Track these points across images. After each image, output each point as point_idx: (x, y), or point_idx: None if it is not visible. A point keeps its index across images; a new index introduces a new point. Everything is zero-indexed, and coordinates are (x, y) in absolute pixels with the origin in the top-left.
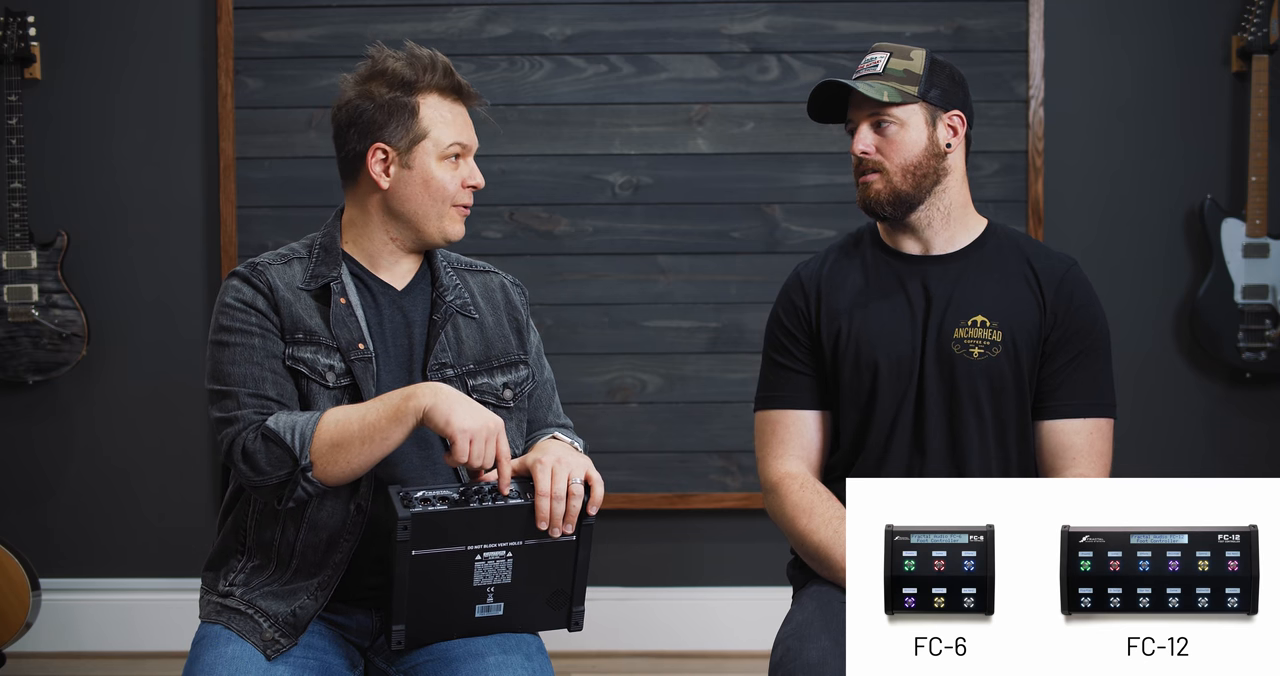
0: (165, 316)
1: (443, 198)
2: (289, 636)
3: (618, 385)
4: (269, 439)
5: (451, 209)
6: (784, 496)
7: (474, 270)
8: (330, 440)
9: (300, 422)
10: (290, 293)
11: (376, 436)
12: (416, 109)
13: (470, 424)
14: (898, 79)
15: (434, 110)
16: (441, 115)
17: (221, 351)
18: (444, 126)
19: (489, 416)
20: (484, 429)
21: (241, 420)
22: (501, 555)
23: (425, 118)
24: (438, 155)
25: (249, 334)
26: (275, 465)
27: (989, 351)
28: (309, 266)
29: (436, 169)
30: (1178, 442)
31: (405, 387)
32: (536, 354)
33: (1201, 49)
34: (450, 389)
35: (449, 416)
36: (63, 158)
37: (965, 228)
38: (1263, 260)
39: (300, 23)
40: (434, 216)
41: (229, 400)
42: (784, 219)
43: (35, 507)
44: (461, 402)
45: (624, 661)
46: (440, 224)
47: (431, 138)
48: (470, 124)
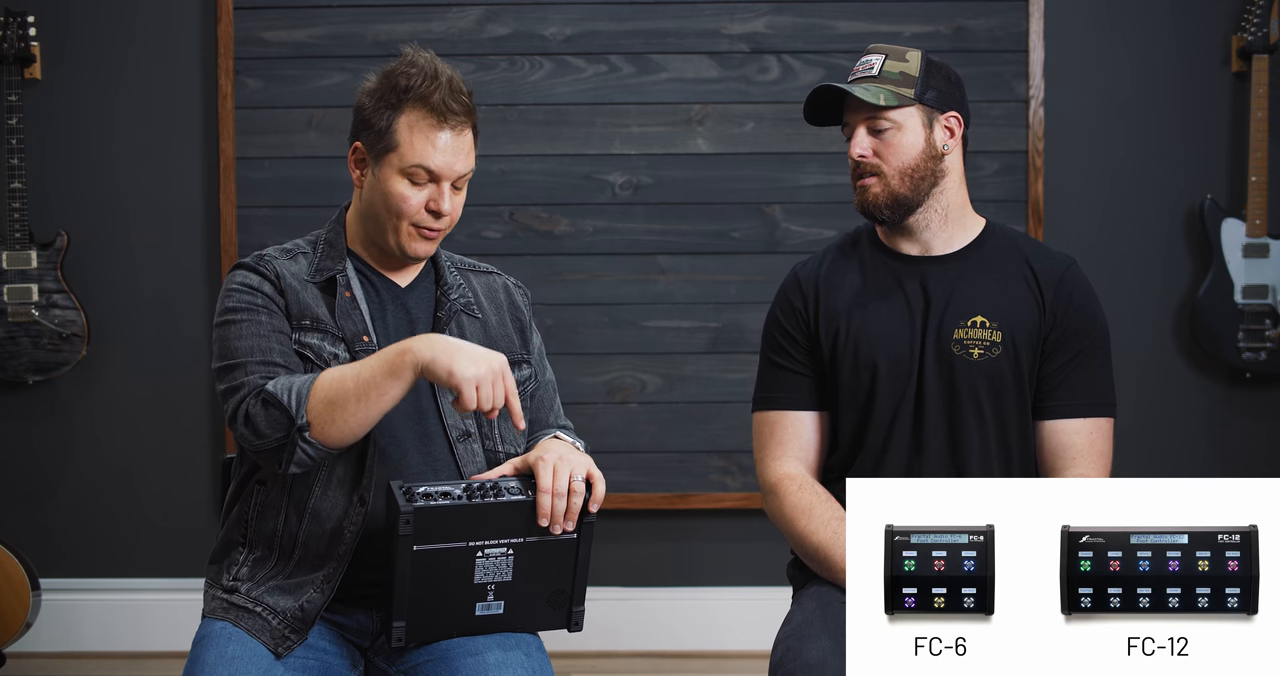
0: (165, 316)
1: (396, 213)
2: (298, 631)
3: (618, 385)
4: (268, 402)
5: (411, 228)
6: (783, 497)
7: (478, 271)
8: (326, 398)
9: (297, 383)
10: (296, 281)
11: (373, 393)
12: (395, 120)
13: (473, 371)
14: (893, 81)
15: (411, 127)
16: (417, 133)
17: (228, 329)
18: (413, 145)
19: (490, 356)
20: (489, 372)
21: (247, 385)
22: (503, 552)
23: (399, 130)
24: (399, 170)
25: (255, 311)
26: (274, 427)
27: (989, 352)
28: (314, 260)
29: (394, 183)
30: (1178, 442)
31: (401, 341)
32: (539, 355)
33: (1201, 49)
34: (445, 338)
35: (450, 367)
36: (63, 158)
37: (963, 228)
38: (1263, 260)
39: (300, 23)
40: (389, 229)
41: (236, 371)
42: (784, 219)
43: (35, 507)
44: (461, 350)
45: (624, 661)
46: (397, 238)
47: (398, 152)
48: (454, 150)
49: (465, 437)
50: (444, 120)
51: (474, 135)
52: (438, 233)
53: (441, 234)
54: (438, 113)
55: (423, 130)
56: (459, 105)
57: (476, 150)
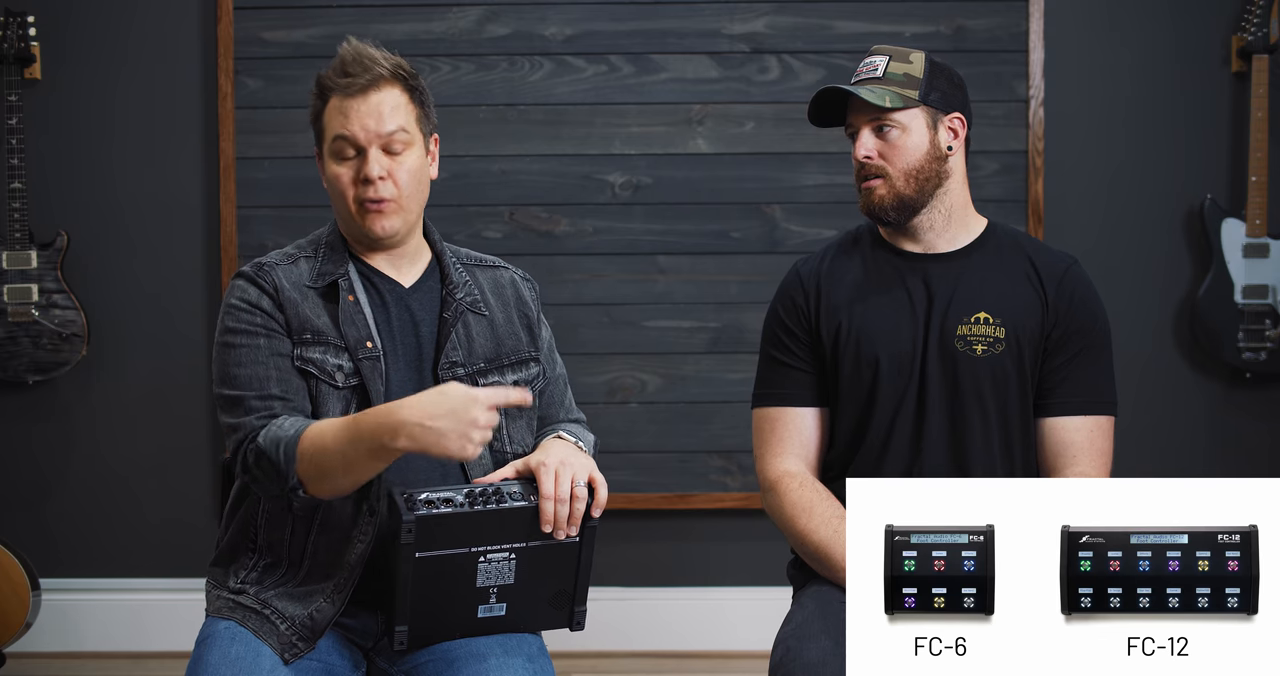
0: (165, 316)
1: (339, 195)
2: (306, 640)
3: (618, 385)
4: (260, 456)
5: (355, 206)
6: (783, 495)
7: (483, 265)
8: (313, 463)
9: (285, 440)
10: (297, 292)
11: (355, 469)
12: (322, 111)
13: (457, 443)
14: (898, 83)
15: (330, 110)
16: (332, 111)
17: (227, 353)
18: (330, 123)
19: (456, 405)
20: (467, 422)
21: (244, 427)
22: (505, 557)
23: (325, 118)
24: (330, 154)
25: (254, 334)
26: (270, 479)
27: (992, 348)
28: (315, 264)
29: (329, 167)
30: (1178, 442)
31: (384, 422)
32: (548, 349)
33: (1201, 49)
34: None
35: (443, 452)
36: (63, 158)
37: (966, 228)
38: (1263, 260)
39: (300, 23)
40: (345, 215)
41: (236, 407)
42: (784, 219)
43: (35, 507)
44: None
45: (625, 661)
46: (353, 222)
47: (324, 136)
48: (365, 112)
49: None
50: (349, 90)
51: (408, 94)
52: (384, 202)
53: (391, 204)
54: (343, 86)
55: (335, 105)
56: (360, 68)
57: (424, 113)
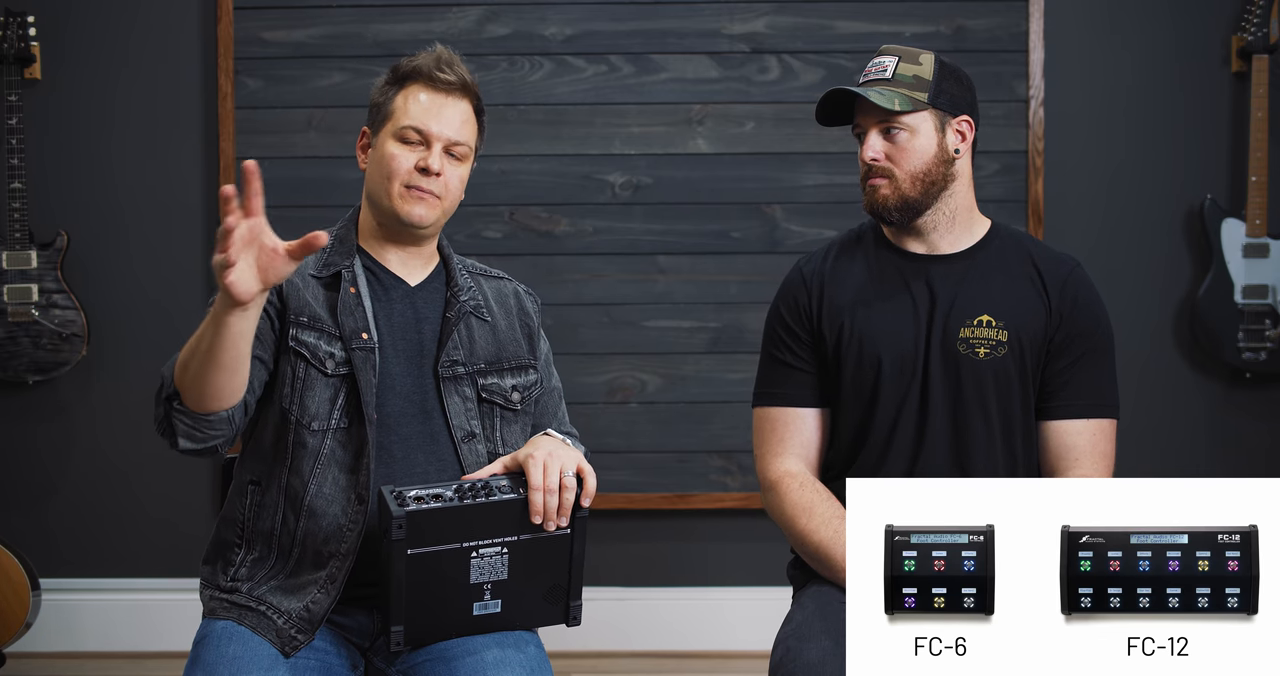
0: (165, 316)
1: (389, 174)
2: (305, 632)
3: (618, 385)
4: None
5: (402, 188)
6: (783, 495)
7: (488, 276)
8: (181, 362)
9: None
10: (300, 278)
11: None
12: (394, 96)
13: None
14: (907, 85)
15: (409, 97)
16: (412, 102)
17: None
18: (406, 109)
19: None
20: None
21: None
22: (497, 551)
23: (397, 103)
24: (392, 134)
25: None
26: (158, 403)
27: (995, 351)
28: (323, 255)
29: (388, 145)
30: (1178, 443)
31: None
32: (545, 362)
33: (1201, 49)
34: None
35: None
36: (63, 158)
37: (970, 230)
38: (1263, 260)
39: (300, 23)
40: (385, 194)
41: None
42: (784, 219)
43: (35, 507)
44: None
45: (624, 661)
46: (393, 203)
47: (393, 118)
48: (446, 114)
49: (470, 438)
50: (434, 85)
51: (476, 115)
52: (430, 195)
53: (436, 199)
54: (430, 79)
55: (414, 94)
56: (453, 75)
57: (480, 138)
